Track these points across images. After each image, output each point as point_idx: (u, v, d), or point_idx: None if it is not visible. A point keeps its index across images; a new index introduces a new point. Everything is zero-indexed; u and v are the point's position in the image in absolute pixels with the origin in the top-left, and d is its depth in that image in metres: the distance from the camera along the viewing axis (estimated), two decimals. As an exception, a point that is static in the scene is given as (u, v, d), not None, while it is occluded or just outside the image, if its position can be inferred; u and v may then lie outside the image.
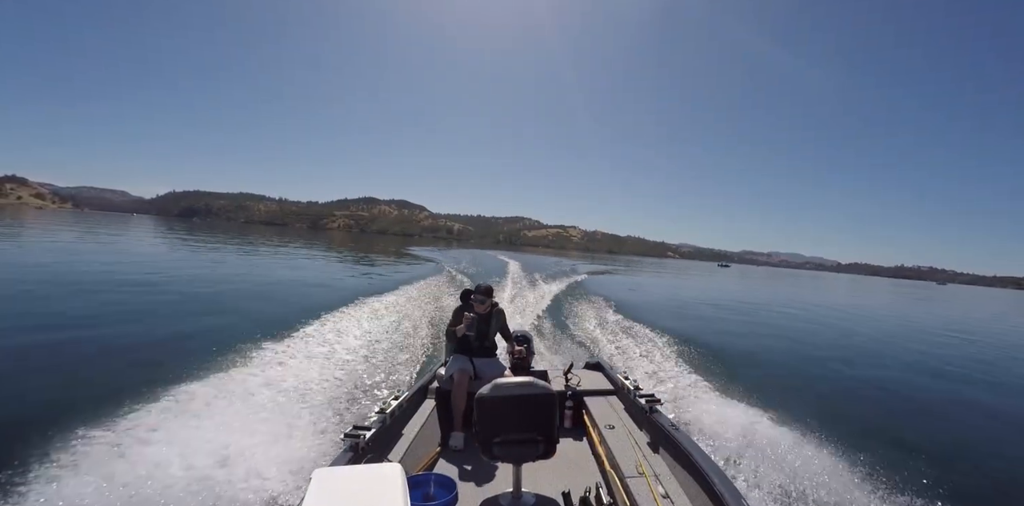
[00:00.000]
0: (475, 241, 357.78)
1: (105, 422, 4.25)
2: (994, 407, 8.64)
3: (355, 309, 10.46)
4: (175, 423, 4.29)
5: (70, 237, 32.94)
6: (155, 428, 4.15)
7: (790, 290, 47.16)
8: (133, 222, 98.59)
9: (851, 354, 12.43)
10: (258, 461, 3.77)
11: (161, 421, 4.31)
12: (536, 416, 2.70)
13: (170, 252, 27.61)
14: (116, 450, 3.78)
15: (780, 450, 4.79)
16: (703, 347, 10.02)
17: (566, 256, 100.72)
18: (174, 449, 3.80)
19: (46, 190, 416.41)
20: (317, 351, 6.96)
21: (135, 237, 40.67)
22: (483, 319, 4.30)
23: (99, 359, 6.68)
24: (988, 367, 12.53)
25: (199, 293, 12.91)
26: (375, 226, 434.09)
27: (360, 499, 1.55)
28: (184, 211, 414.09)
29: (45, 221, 62.50)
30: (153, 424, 4.23)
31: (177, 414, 4.48)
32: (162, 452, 3.75)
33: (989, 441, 6.71)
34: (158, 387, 5.11)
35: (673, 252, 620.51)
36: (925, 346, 14.97)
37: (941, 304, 47.28)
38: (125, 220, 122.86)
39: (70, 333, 7.78)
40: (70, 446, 3.82)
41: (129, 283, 13.61)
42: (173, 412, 4.51)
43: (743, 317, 18.62)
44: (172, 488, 3.35)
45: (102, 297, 11.09)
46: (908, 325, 21.86)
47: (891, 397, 8.63)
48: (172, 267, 19.11)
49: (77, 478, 3.41)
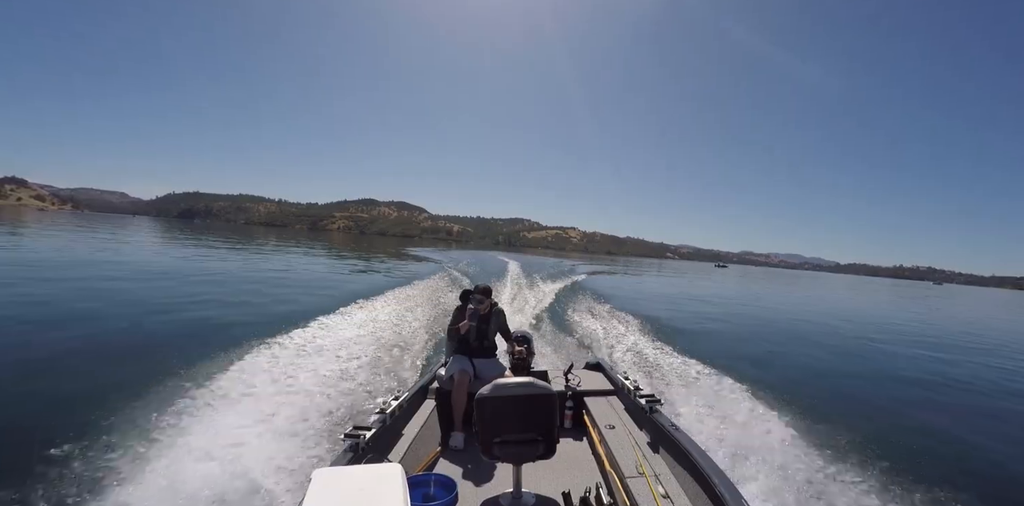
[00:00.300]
0: (475, 242, 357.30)
1: (104, 422, 4.29)
2: (984, 402, 8.81)
3: (355, 309, 10.49)
4: (174, 423, 4.31)
5: (86, 239, 33.26)
6: (154, 428, 4.19)
7: (784, 289, 47.59)
8: (135, 224, 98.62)
9: (851, 354, 12.56)
10: (258, 461, 3.78)
11: (160, 421, 4.33)
12: (536, 416, 2.72)
13: (175, 253, 27.85)
14: (114, 450, 3.80)
15: (780, 450, 4.85)
16: (703, 347, 10.05)
17: (566, 257, 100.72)
18: (173, 449, 3.82)
19: (46, 192, 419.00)
20: (317, 351, 6.99)
21: (141, 238, 41.22)
22: (483, 319, 4.33)
23: (98, 357, 6.73)
24: (982, 360, 12.77)
25: (200, 293, 12.96)
26: (375, 227, 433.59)
27: (360, 499, 1.55)
28: (184, 213, 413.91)
29: (52, 222, 62.47)
30: (152, 424, 4.26)
31: (176, 414, 4.50)
32: (161, 452, 3.78)
33: (992, 441, 6.76)
34: (157, 387, 5.15)
35: (672, 253, 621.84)
36: (921, 345, 15.19)
37: (934, 302, 47.76)
38: (127, 222, 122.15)
39: (65, 333, 7.85)
40: (65, 447, 3.84)
41: (129, 281, 13.72)
42: (172, 412, 4.53)
43: (743, 318, 18.79)
44: (171, 488, 3.37)
45: (110, 296, 11.24)
46: (902, 323, 22.08)
47: (889, 396, 8.68)
48: (174, 268, 19.29)
49: (75, 482, 3.43)
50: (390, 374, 6.58)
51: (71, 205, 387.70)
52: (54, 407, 4.90)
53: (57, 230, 42.26)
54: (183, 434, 4.10)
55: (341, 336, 8.02)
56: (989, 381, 10.71)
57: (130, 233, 50.43)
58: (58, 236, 34.15)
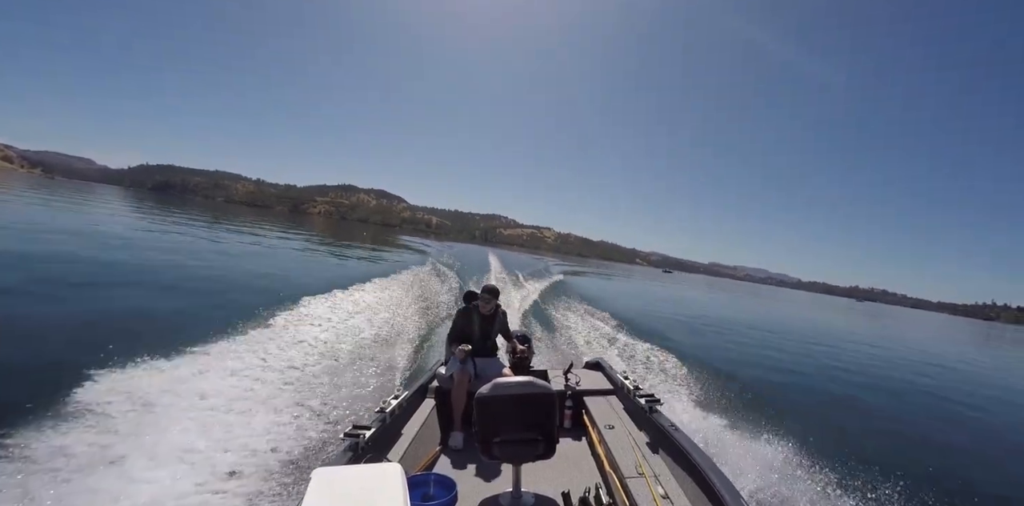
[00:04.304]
0: (453, 236, 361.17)
1: (96, 417, 4.14)
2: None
3: (355, 308, 10.39)
4: (172, 423, 4.19)
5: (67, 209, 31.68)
6: (151, 429, 4.05)
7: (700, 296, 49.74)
8: (119, 195, 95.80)
9: (837, 362, 14.53)
10: (257, 460, 3.77)
11: (158, 421, 4.19)
12: (536, 416, 2.75)
13: (163, 231, 26.52)
14: (113, 451, 3.68)
15: (780, 450, 4.96)
16: (703, 348, 10.82)
17: (540, 255, 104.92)
18: (171, 450, 3.75)
19: (12, 153, 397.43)
20: (316, 350, 6.85)
21: (124, 211, 39.70)
22: (487, 319, 4.41)
23: (94, 349, 6.05)
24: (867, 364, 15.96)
25: (192, 283, 12.47)
26: (355, 214, 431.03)
27: (360, 499, 1.55)
28: (159, 186, 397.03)
29: (35, 189, 58.98)
30: (149, 425, 4.12)
31: (174, 414, 4.36)
32: (159, 453, 3.70)
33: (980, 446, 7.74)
34: (152, 386, 4.89)
35: (642, 259, 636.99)
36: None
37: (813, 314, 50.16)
38: (111, 192, 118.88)
39: (54, 315, 7.57)
40: (54, 445, 3.66)
41: (116, 265, 13.25)
42: (169, 412, 4.38)
43: (741, 323, 20.73)
44: (171, 488, 3.32)
45: (105, 276, 11.09)
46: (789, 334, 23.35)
47: (883, 404, 9.67)
48: (162, 249, 18.42)
49: (70, 480, 3.29)
50: (390, 373, 6.50)
51: (41, 170, 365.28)
52: (38, 394, 4.40)
53: (66, 202, 39.62)
54: (179, 434, 4.01)
55: (341, 335, 7.90)
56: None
57: (122, 204, 50.22)
58: (82, 211, 32.64)
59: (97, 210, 36.04)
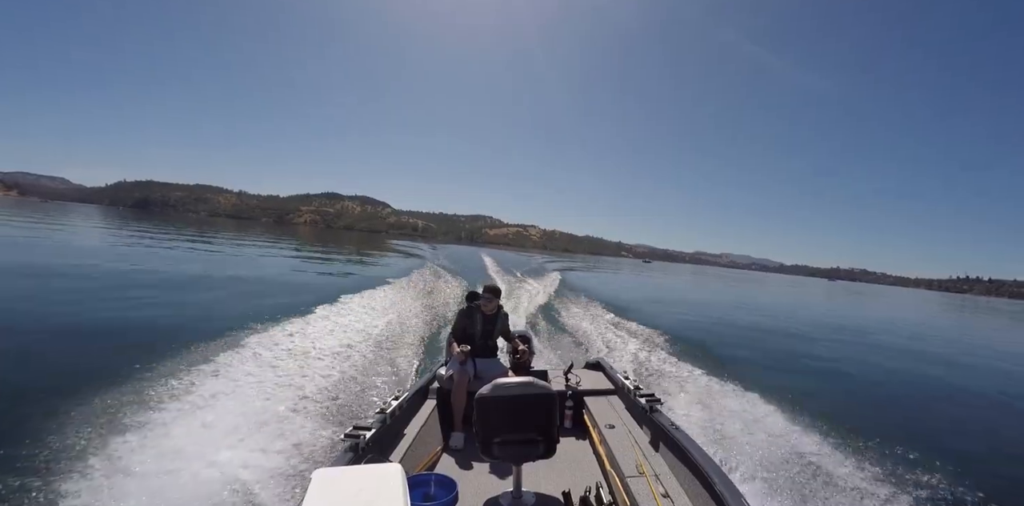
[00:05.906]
0: (440, 238, 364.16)
1: (97, 421, 4.20)
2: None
3: (354, 308, 10.44)
4: (172, 423, 4.25)
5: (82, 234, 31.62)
6: (151, 429, 4.12)
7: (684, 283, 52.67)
8: (105, 215, 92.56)
9: (839, 346, 14.09)
10: (258, 461, 3.77)
11: (157, 421, 4.26)
12: (536, 416, 2.74)
13: (156, 249, 26.40)
14: (110, 451, 3.73)
15: (781, 450, 4.94)
16: (702, 346, 10.52)
17: (529, 253, 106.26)
18: (171, 450, 3.79)
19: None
20: (316, 350, 6.91)
21: (113, 232, 38.35)
22: (488, 319, 4.41)
23: (90, 355, 6.49)
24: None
25: (192, 290, 12.85)
26: (341, 222, 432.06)
27: (360, 499, 1.54)
28: (139, 202, 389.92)
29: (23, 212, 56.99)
30: (149, 425, 4.19)
31: (174, 414, 4.42)
32: (158, 453, 3.73)
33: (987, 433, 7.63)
34: (152, 387, 5.02)
35: (628, 252, 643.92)
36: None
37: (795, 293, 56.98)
38: (92, 211, 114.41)
39: (58, 327, 7.82)
40: (54, 449, 3.76)
41: (116, 278, 13.52)
42: (169, 412, 4.44)
43: (744, 317, 20.12)
44: (170, 489, 3.35)
45: (100, 293, 11.11)
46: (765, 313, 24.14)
47: (887, 392, 9.32)
48: (159, 264, 18.69)
49: (72, 482, 3.34)
50: (390, 373, 6.54)
51: (16, 191, 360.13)
52: (15, 407, 4.60)
53: (62, 225, 39.03)
54: (180, 435, 4.06)
55: (341, 335, 7.98)
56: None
57: (106, 224, 48.40)
58: (72, 232, 32.17)
59: (92, 232, 35.40)
